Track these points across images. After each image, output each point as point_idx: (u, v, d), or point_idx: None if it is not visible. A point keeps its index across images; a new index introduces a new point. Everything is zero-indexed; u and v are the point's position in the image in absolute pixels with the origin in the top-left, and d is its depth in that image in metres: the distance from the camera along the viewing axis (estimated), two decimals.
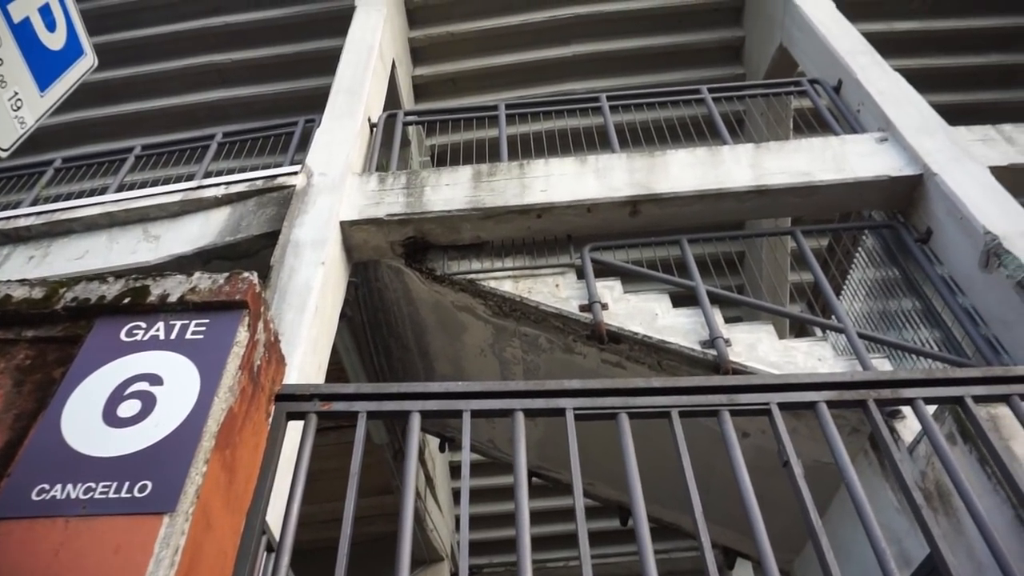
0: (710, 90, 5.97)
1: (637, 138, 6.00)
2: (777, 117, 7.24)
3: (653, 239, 4.88)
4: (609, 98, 5.86)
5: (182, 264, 4.83)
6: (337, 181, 5.06)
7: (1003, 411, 2.56)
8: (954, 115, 5.33)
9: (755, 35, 8.02)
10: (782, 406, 2.20)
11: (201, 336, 1.83)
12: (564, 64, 8.46)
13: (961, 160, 4.62)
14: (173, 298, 1.87)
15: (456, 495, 9.70)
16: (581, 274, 4.67)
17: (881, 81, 5.47)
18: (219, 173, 5.59)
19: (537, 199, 4.86)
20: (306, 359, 3.94)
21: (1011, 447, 2.77)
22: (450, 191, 5.01)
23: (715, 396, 2.19)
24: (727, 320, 4.44)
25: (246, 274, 1.94)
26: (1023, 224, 4.15)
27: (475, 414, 2.23)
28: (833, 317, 4.40)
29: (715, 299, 4.47)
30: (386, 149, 5.91)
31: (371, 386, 2.25)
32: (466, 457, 2.12)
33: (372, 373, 6.42)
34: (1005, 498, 2.87)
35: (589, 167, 5.01)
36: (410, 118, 6.31)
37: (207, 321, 1.86)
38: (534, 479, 6.40)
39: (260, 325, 2.01)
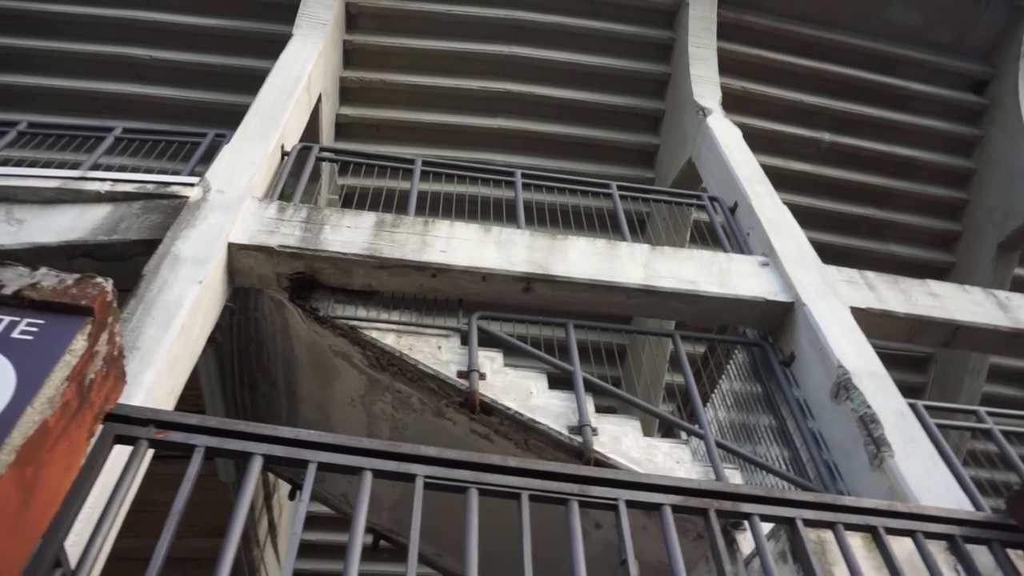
0: (619, 187, 6.26)
1: (543, 218, 6.17)
2: (676, 224, 7.65)
3: (541, 318, 4.96)
4: (524, 175, 6.02)
5: (42, 255, 4.46)
6: (234, 201, 4.88)
7: (832, 536, 2.70)
8: (828, 254, 5.82)
9: (669, 145, 8.53)
10: (629, 504, 2.23)
11: (30, 337, 1.67)
12: (487, 134, 8.67)
13: (828, 296, 5.02)
14: (7, 291, 1.70)
15: (302, 547, 9.14)
16: (466, 340, 4.65)
17: (771, 211, 5.91)
18: (108, 169, 5.27)
19: (435, 259, 4.85)
20: (159, 380, 3.68)
21: (833, 572, 2.91)
22: (350, 234, 4.93)
23: (567, 484, 2.20)
24: (602, 410, 4.52)
25: (100, 279, 1.80)
26: (872, 364, 4.52)
27: (322, 467, 2.13)
28: (697, 423, 4.57)
29: (590, 387, 4.55)
30: (294, 180, 5.78)
31: (215, 420, 2.11)
32: (302, 511, 2.01)
33: (232, 406, 6.07)
34: None
35: (492, 237, 5.08)
36: (325, 154, 6.22)
37: (42, 322, 1.70)
38: (382, 542, 6.16)
39: (104, 336, 1.85)
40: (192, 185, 4.97)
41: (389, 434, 5.26)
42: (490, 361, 4.54)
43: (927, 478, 3.84)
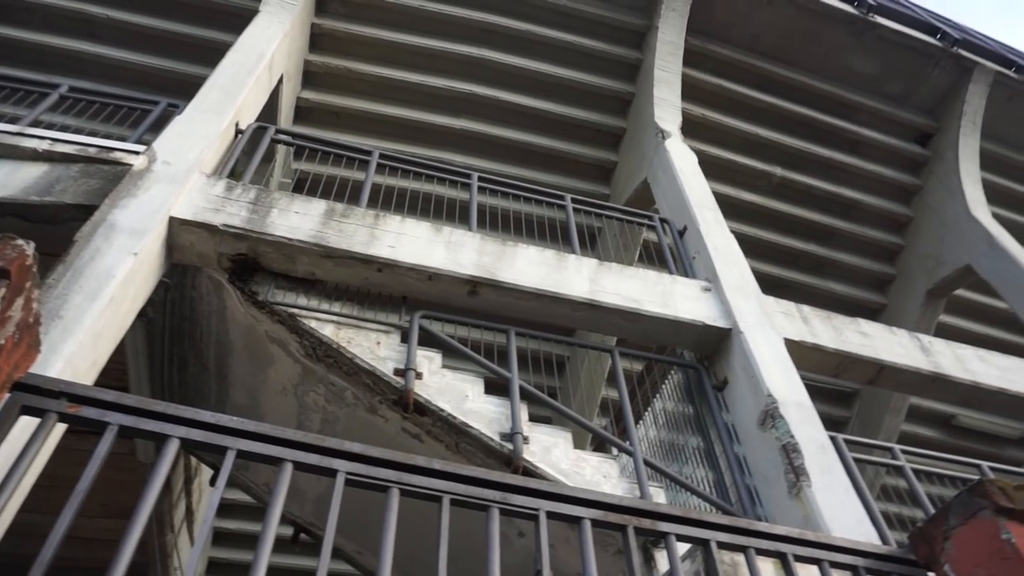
0: (574, 200, 6.32)
1: (496, 223, 6.17)
2: (627, 242, 7.76)
3: (484, 323, 4.95)
4: (481, 178, 6.01)
5: None
6: (181, 174, 4.74)
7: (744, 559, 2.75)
8: (768, 285, 5.99)
9: (626, 163, 8.65)
10: (550, 515, 2.24)
11: None
12: (448, 134, 8.64)
13: (764, 326, 5.15)
14: None
15: (221, 535, 8.91)
16: (406, 338, 4.61)
17: (718, 238, 6.05)
18: (50, 127, 5.05)
19: (383, 253, 4.80)
20: (81, 352, 3.54)
21: None
22: (298, 220, 4.84)
23: (490, 491, 2.19)
24: (537, 419, 4.53)
25: (20, 242, 1.72)
26: (799, 395, 4.66)
27: (241, 455, 2.08)
28: (628, 440, 4.63)
29: (526, 395, 4.57)
30: (246, 159, 5.64)
31: (133, 398, 2.03)
32: (216, 498, 1.95)
33: (159, 384, 5.88)
34: None
35: (442, 237, 5.06)
36: (281, 137, 6.09)
37: None
38: (303, 535, 6.05)
39: (19, 301, 1.77)
40: (137, 153, 4.80)
41: (320, 426, 5.17)
42: (428, 361, 4.51)
43: (840, 510, 3.97)
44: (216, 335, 5.30)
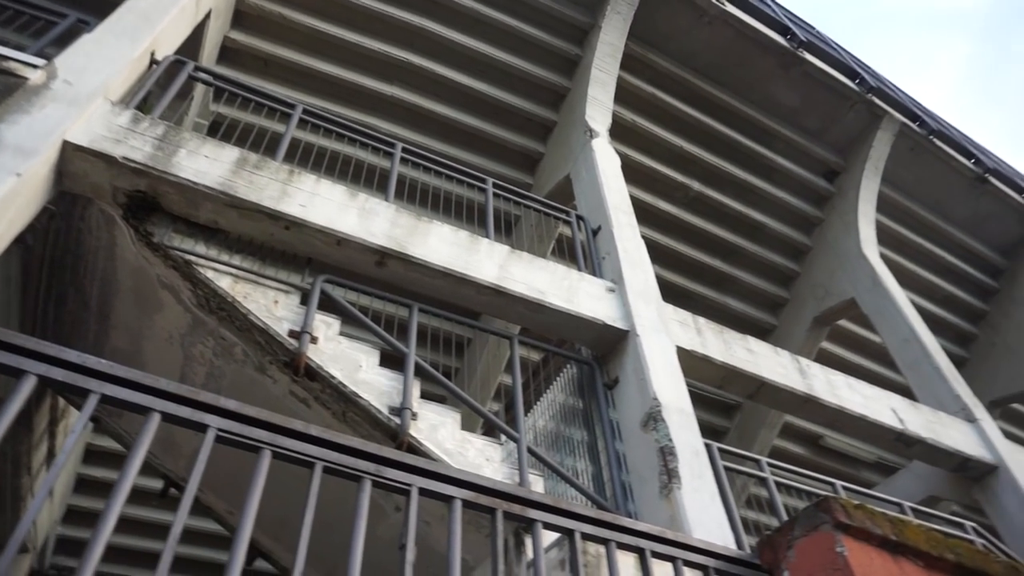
0: (495, 185, 6.32)
1: (413, 196, 6.10)
2: (542, 234, 7.85)
3: (388, 295, 4.90)
4: (405, 149, 5.92)
5: None
6: (82, 98, 4.43)
7: (621, 555, 2.85)
8: (670, 293, 6.21)
9: (552, 156, 8.74)
10: (423, 492, 2.25)
11: None
12: (378, 99, 8.46)
13: (659, 332, 5.34)
14: None
15: (87, 483, 8.46)
16: (305, 300, 4.51)
17: (629, 241, 6.21)
18: None
19: (293, 211, 4.66)
20: None
21: None
22: (207, 164, 4.62)
23: (365, 463, 2.19)
24: (431, 398, 4.53)
25: None
26: (683, 402, 4.86)
27: (106, 400, 1.98)
28: (515, 426, 4.70)
29: (421, 372, 4.56)
30: (160, 93, 5.33)
31: None
32: (70, 443, 1.86)
33: (32, 317, 5.51)
34: None
35: (356, 203, 4.96)
36: (201, 75, 5.77)
37: None
38: (172, 490, 5.84)
39: None
40: (35, 67, 4.45)
41: (204, 380, 4.99)
42: (326, 326, 4.43)
43: (704, 513, 4.19)
44: (102, 273, 5.01)
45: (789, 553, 2.66)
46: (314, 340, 4.27)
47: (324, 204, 4.81)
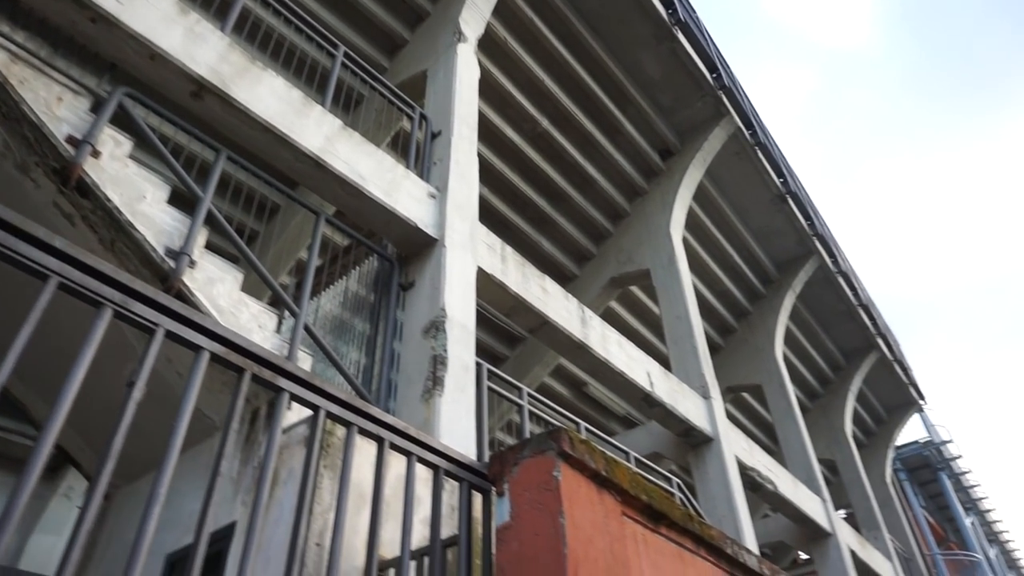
0: (347, 55, 5.96)
1: (254, 37, 5.59)
2: (383, 120, 7.58)
3: (198, 132, 4.50)
4: None
5: None
6: None
7: (363, 442, 2.91)
8: (490, 216, 6.33)
9: (416, 48, 8.38)
10: (170, 335, 2.15)
11: None
12: None
13: (466, 249, 5.45)
14: None
15: None
16: (98, 109, 4.01)
17: (464, 155, 6.20)
18: None
19: (107, 4, 4.07)
20: None
21: (338, 465, 3.20)
22: None
23: (111, 290, 2.03)
24: (221, 255, 4.26)
25: None
26: (467, 319, 5.05)
27: None
28: (300, 302, 4.60)
29: (213, 223, 4.28)
30: None
31: None
32: None
33: None
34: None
35: (186, 21, 4.44)
36: None
37: None
38: None
39: None
40: None
41: None
42: (114, 143, 3.98)
43: (457, 423, 4.44)
44: None
45: (514, 469, 2.91)
46: (96, 154, 3.83)
47: (147, 9, 4.25)
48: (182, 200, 4.24)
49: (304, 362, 4.35)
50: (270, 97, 4.73)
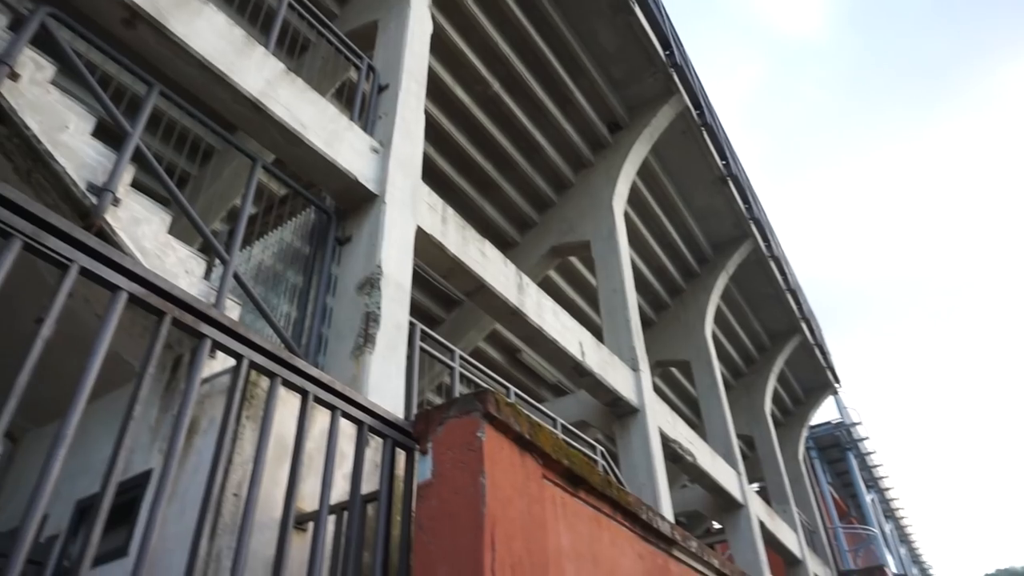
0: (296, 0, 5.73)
1: None
2: (330, 69, 7.35)
3: (128, 63, 4.26)
4: None
5: None
6: None
7: (288, 394, 2.85)
8: (433, 177, 6.24)
9: None
10: (85, 272, 2.05)
11: None
12: None
13: (407, 207, 5.38)
14: None
15: None
16: (17, 28, 3.74)
17: (411, 111, 6.08)
18: None
19: None
20: None
21: (259, 419, 3.15)
22: None
23: (23, 221, 1.92)
24: (150, 195, 4.08)
25: None
26: (404, 278, 5.00)
27: None
28: (231, 250, 4.46)
29: (141, 161, 4.09)
30: None
31: None
32: None
33: None
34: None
35: None
36: None
37: None
38: None
39: None
40: None
41: None
42: (35, 67, 3.73)
43: (387, 382, 4.42)
44: None
45: (439, 428, 2.92)
46: (14, 76, 3.59)
47: None
48: (109, 135, 4.03)
49: (232, 311, 4.24)
50: (209, 33, 4.52)
